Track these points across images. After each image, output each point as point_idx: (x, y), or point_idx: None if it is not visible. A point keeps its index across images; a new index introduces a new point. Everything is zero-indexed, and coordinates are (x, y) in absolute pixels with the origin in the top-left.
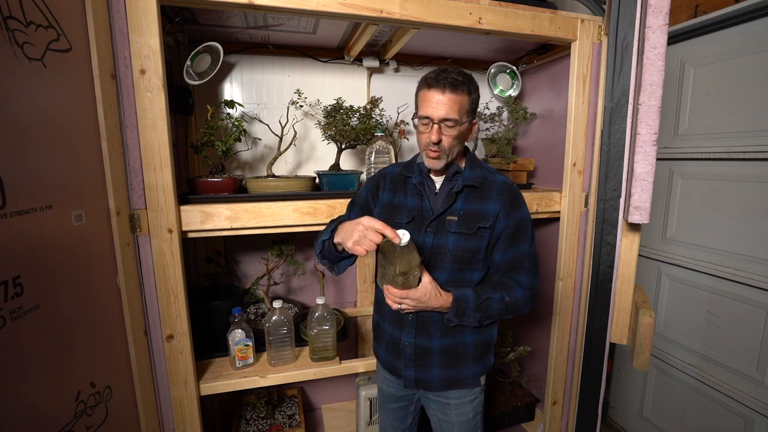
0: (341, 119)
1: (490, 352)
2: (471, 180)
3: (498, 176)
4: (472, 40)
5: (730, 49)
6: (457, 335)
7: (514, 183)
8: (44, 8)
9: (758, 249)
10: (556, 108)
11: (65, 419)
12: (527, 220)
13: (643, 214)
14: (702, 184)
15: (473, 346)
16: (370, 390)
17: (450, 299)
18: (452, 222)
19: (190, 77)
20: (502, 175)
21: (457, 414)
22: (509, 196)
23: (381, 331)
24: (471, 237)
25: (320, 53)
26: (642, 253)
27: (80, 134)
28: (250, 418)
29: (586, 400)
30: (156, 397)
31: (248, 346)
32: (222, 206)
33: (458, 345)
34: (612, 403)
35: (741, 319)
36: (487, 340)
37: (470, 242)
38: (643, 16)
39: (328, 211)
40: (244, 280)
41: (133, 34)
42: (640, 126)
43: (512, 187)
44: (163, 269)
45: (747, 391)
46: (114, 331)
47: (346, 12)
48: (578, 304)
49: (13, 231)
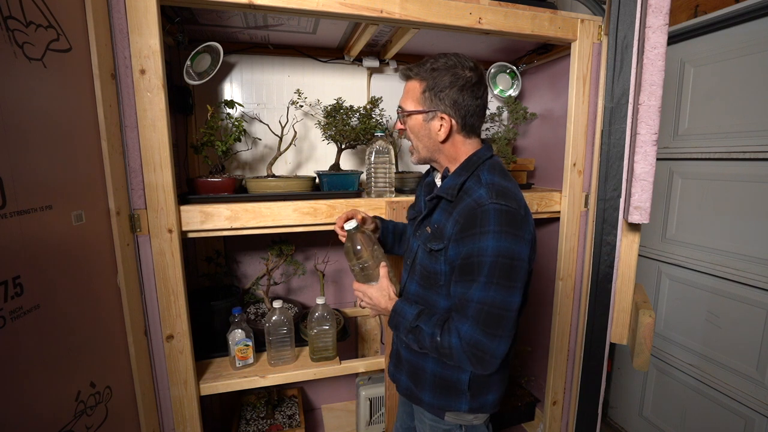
0: (341, 119)
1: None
2: (444, 190)
3: (477, 192)
4: (472, 40)
5: (730, 49)
6: (418, 355)
7: (490, 204)
8: (44, 8)
9: (758, 249)
10: (556, 108)
11: (65, 419)
12: (485, 257)
13: (643, 214)
14: (702, 184)
15: (431, 375)
16: (370, 390)
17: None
18: (425, 233)
19: (190, 77)
20: (486, 192)
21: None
22: (466, 218)
23: None
24: (430, 256)
25: (320, 53)
26: (642, 253)
27: (80, 134)
28: (250, 418)
29: (586, 400)
30: (156, 397)
31: (248, 346)
32: (222, 206)
33: (417, 365)
34: (612, 403)
35: (741, 319)
36: (452, 382)
37: (430, 262)
38: (643, 16)
39: (328, 211)
40: (244, 280)
41: (133, 34)
42: (640, 126)
43: (479, 209)
44: (163, 269)
45: (747, 391)
46: (114, 331)
47: (346, 12)
48: (578, 304)
49: (13, 231)
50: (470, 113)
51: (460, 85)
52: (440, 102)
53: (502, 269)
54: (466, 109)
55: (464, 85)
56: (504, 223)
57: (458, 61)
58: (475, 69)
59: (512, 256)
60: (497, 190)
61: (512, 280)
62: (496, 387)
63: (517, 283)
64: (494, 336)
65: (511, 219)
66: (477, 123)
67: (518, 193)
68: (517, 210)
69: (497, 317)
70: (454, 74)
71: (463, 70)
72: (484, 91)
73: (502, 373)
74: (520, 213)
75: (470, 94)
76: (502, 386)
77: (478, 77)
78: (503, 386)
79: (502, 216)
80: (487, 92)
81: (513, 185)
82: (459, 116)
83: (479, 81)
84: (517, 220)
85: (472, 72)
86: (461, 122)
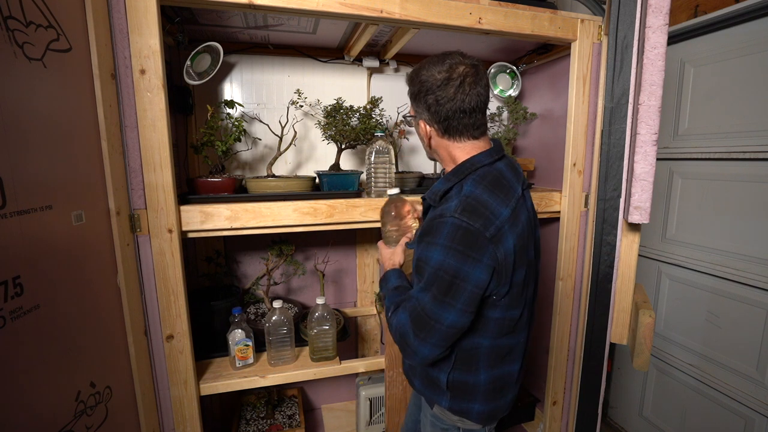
0: (341, 119)
1: (440, 394)
2: (429, 195)
3: (451, 202)
4: (472, 40)
5: (730, 49)
6: None
7: (449, 217)
8: (44, 8)
9: (758, 249)
10: (556, 108)
11: (65, 419)
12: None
13: (643, 214)
14: (702, 184)
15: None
16: (370, 390)
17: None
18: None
19: (190, 77)
20: (456, 204)
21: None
22: (428, 224)
23: None
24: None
25: (320, 53)
26: (642, 253)
27: (80, 134)
28: (250, 418)
29: (586, 400)
30: (156, 397)
31: (248, 346)
32: (222, 206)
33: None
34: (612, 403)
35: (741, 319)
36: (434, 379)
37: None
38: (643, 16)
39: (328, 211)
40: (244, 280)
41: (133, 34)
42: (640, 126)
43: (438, 219)
44: (163, 269)
45: (747, 391)
46: (114, 331)
47: (346, 12)
48: (578, 304)
49: (13, 231)
50: (450, 116)
51: (428, 88)
52: (419, 107)
53: (440, 284)
54: (444, 112)
55: (432, 88)
56: (456, 240)
57: (430, 62)
58: (451, 68)
59: (455, 274)
60: (467, 204)
61: (448, 297)
62: (481, 399)
63: (455, 302)
64: (418, 336)
65: (466, 238)
66: (463, 124)
67: (498, 209)
68: (479, 231)
69: (425, 323)
70: (424, 78)
71: (432, 73)
72: (463, 90)
73: (488, 386)
74: (482, 234)
75: (444, 95)
76: (490, 401)
77: (449, 77)
78: (494, 402)
79: (456, 232)
80: (470, 89)
81: (497, 200)
82: (436, 120)
83: (447, 79)
84: (475, 240)
85: (445, 72)
86: (442, 126)
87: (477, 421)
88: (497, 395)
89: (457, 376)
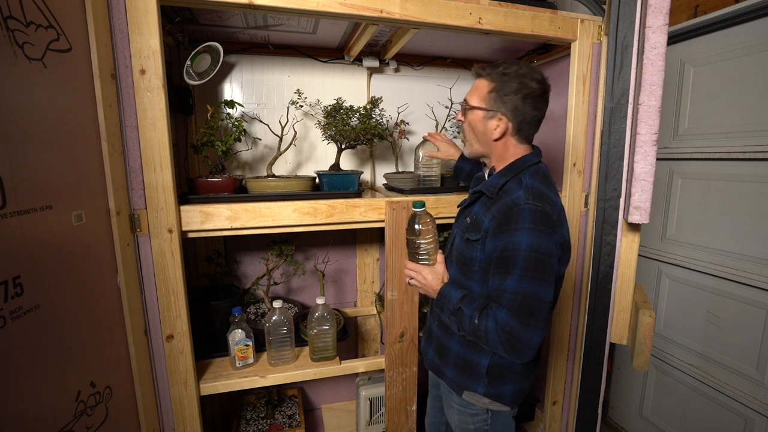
0: (341, 119)
1: (477, 380)
2: (486, 187)
3: (515, 193)
4: (472, 40)
5: (730, 49)
6: (447, 334)
7: (525, 204)
8: (44, 8)
9: (758, 249)
10: (556, 108)
11: (65, 419)
12: (519, 251)
13: (643, 214)
14: (702, 184)
15: (455, 355)
16: (370, 390)
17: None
18: (464, 222)
19: (190, 77)
20: (524, 194)
21: (459, 421)
22: (503, 215)
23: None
24: (467, 244)
25: (320, 53)
26: (642, 253)
27: (80, 134)
28: (250, 418)
29: (586, 399)
30: (156, 397)
31: (248, 346)
32: (222, 206)
33: (444, 343)
34: (612, 403)
35: (741, 319)
36: (473, 365)
37: (467, 249)
38: (643, 16)
39: (328, 211)
40: (244, 280)
41: (133, 34)
42: (640, 126)
43: (515, 208)
44: (163, 269)
45: (747, 391)
46: (114, 331)
47: (346, 12)
48: (578, 304)
49: (13, 231)
50: (527, 121)
51: (525, 93)
52: (502, 104)
53: (536, 263)
54: (524, 116)
55: (528, 95)
56: (537, 221)
57: (528, 71)
58: (542, 82)
59: (543, 251)
60: (534, 193)
61: (544, 273)
62: (516, 378)
63: (549, 278)
64: (527, 325)
65: (543, 218)
66: (531, 131)
67: (555, 198)
68: (551, 212)
69: (530, 307)
70: (522, 82)
71: (530, 81)
72: (545, 105)
73: (523, 367)
74: (552, 216)
75: (531, 103)
76: (522, 380)
77: (542, 90)
78: (524, 382)
79: (536, 215)
80: (546, 106)
81: (552, 191)
82: (516, 121)
83: (542, 94)
84: (549, 220)
85: (539, 84)
86: (516, 127)
87: (508, 403)
88: (527, 375)
89: (497, 360)
